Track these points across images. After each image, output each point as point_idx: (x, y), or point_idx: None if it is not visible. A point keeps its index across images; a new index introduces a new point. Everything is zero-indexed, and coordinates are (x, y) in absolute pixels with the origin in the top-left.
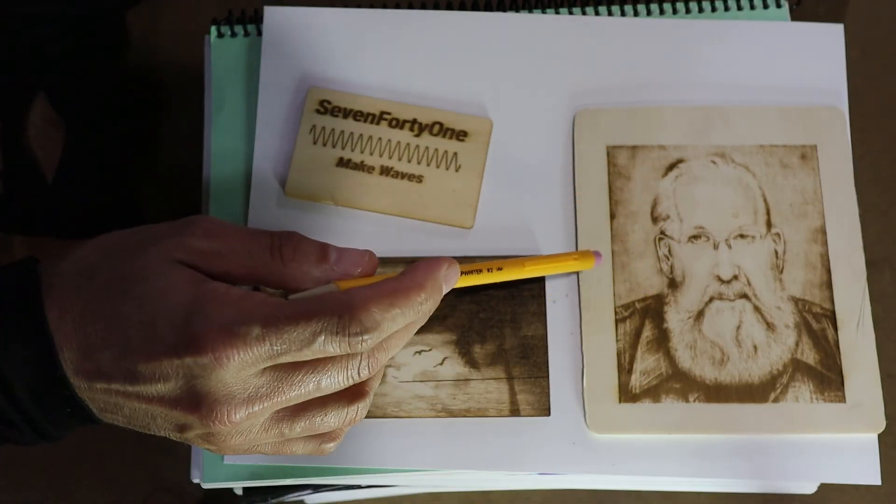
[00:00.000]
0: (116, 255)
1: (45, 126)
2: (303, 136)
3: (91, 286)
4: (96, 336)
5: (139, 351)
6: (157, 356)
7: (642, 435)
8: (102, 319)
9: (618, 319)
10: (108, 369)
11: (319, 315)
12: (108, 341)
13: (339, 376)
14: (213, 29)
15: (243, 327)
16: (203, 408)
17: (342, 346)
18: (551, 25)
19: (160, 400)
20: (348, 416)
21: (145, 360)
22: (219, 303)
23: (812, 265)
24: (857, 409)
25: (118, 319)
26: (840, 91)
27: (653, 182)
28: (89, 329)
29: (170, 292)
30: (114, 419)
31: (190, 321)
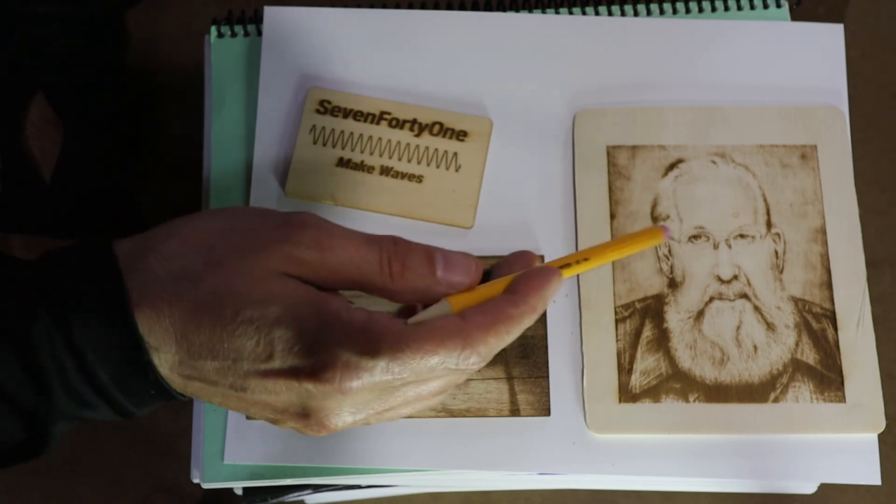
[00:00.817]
0: (219, 262)
1: (43, 125)
2: (303, 136)
3: (193, 295)
4: (202, 347)
5: (253, 369)
6: (274, 376)
7: (642, 435)
8: (210, 332)
9: (618, 319)
10: (213, 377)
11: (444, 348)
12: (216, 353)
13: (438, 386)
14: (213, 29)
15: (371, 361)
16: (312, 419)
17: (457, 373)
18: (551, 25)
19: (265, 405)
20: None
21: (259, 378)
22: (344, 330)
23: (812, 265)
24: (857, 409)
25: (230, 336)
26: (840, 91)
27: (653, 182)
28: (193, 338)
29: (289, 315)
30: (199, 399)
31: (314, 349)
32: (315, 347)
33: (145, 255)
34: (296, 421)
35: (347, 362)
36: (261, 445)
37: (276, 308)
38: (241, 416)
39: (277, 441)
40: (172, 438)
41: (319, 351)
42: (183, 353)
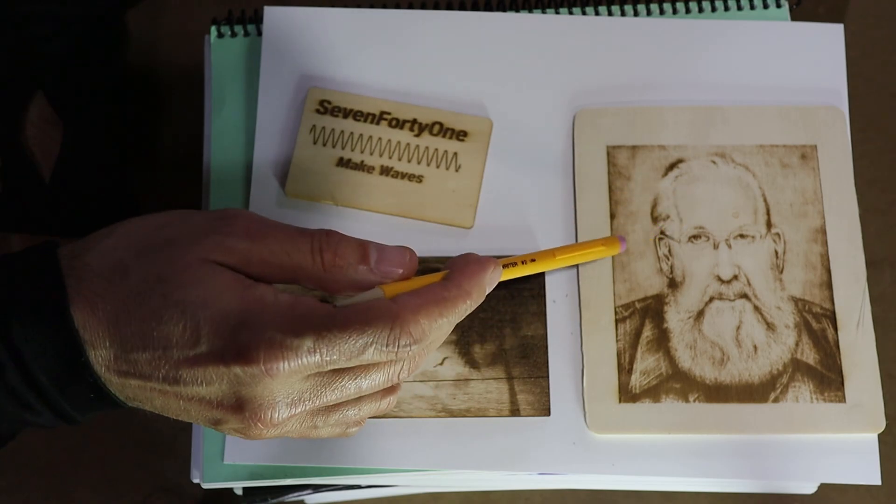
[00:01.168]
0: (150, 253)
1: (43, 125)
2: (303, 135)
3: (125, 285)
4: (133, 337)
5: (182, 356)
6: (202, 362)
7: (642, 435)
8: (140, 321)
9: (618, 319)
10: (146, 370)
11: (371, 327)
12: (146, 343)
13: (379, 379)
14: (213, 29)
15: (296, 340)
16: (246, 411)
17: (389, 356)
18: (551, 25)
19: (200, 400)
20: (380, 408)
21: (188, 366)
22: (269, 312)
23: (812, 265)
24: (857, 409)
25: (158, 323)
26: (840, 91)
27: (653, 182)
28: (125, 329)
29: (214, 299)
30: (142, 407)
31: (239, 331)
32: (239, 329)
33: (84, 254)
34: (233, 416)
35: (272, 341)
36: (261, 445)
37: (203, 292)
38: None
39: (277, 441)
40: (172, 438)
41: (244, 331)
42: (116, 347)
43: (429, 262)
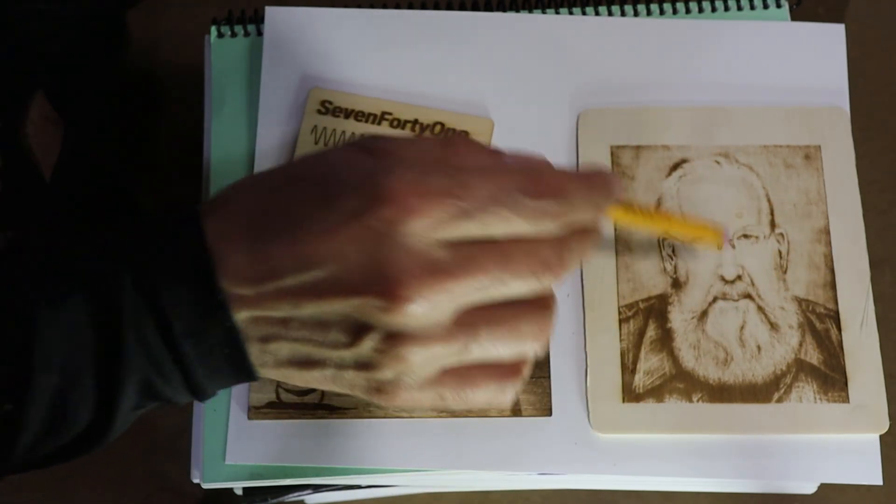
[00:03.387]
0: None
1: (43, 124)
2: (304, 136)
3: (261, 185)
4: (266, 227)
5: (316, 227)
6: (335, 227)
7: (645, 435)
8: (274, 206)
9: (621, 319)
10: (280, 262)
11: (507, 173)
12: (280, 228)
13: (522, 265)
14: (214, 29)
15: (430, 177)
16: (386, 278)
17: (533, 210)
18: (553, 26)
19: (336, 285)
20: (538, 325)
21: (322, 235)
22: (403, 165)
23: (816, 265)
24: (860, 410)
25: (291, 203)
26: (842, 91)
27: (657, 182)
28: (258, 223)
29: (352, 163)
30: (275, 358)
31: (372, 180)
32: (374, 178)
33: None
34: (373, 296)
35: (406, 181)
36: (262, 446)
37: (340, 158)
38: (243, 415)
39: (278, 441)
40: (172, 438)
41: (379, 180)
42: (250, 245)
43: None
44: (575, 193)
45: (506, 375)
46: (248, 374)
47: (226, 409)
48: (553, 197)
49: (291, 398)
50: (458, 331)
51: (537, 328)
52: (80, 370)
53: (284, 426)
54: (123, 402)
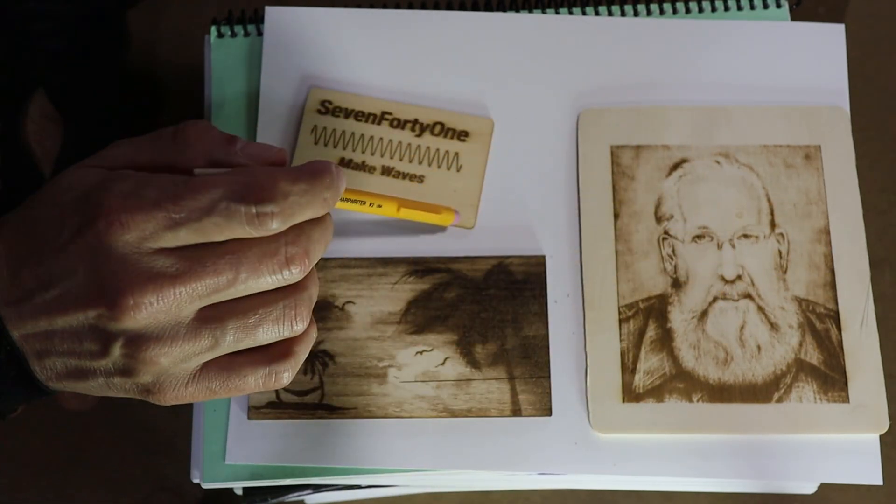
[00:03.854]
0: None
1: (43, 122)
2: (304, 135)
3: (22, 211)
4: (20, 251)
5: (52, 247)
6: (64, 244)
7: (645, 435)
8: (24, 231)
9: (621, 319)
10: (30, 284)
11: (221, 183)
12: (28, 252)
13: (258, 263)
14: (214, 29)
15: (140, 191)
16: (108, 291)
17: (248, 216)
18: (554, 26)
19: (72, 299)
20: (293, 307)
21: (55, 255)
22: (121, 179)
23: (816, 265)
24: (860, 410)
25: (35, 225)
26: (842, 91)
27: (657, 182)
28: (14, 248)
29: (80, 181)
30: (54, 372)
31: (89, 197)
32: (90, 195)
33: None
34: (100, 308)
35: (115, 196)
36: (262, 445)
37: (68, 180)
38: (243, 415)
39: (278, 441)
40: (172, 438)
41: (93, 197)
42: (9, 273)
43: (429, 262)
44: (293, 193)
45: (274, 359)
46: (38, 389)
47: (226, 409)
48: (270, 200)
49: (291, 398)
50: (203, 326)
51: (290, 311)
52: None
53: (284, 426)
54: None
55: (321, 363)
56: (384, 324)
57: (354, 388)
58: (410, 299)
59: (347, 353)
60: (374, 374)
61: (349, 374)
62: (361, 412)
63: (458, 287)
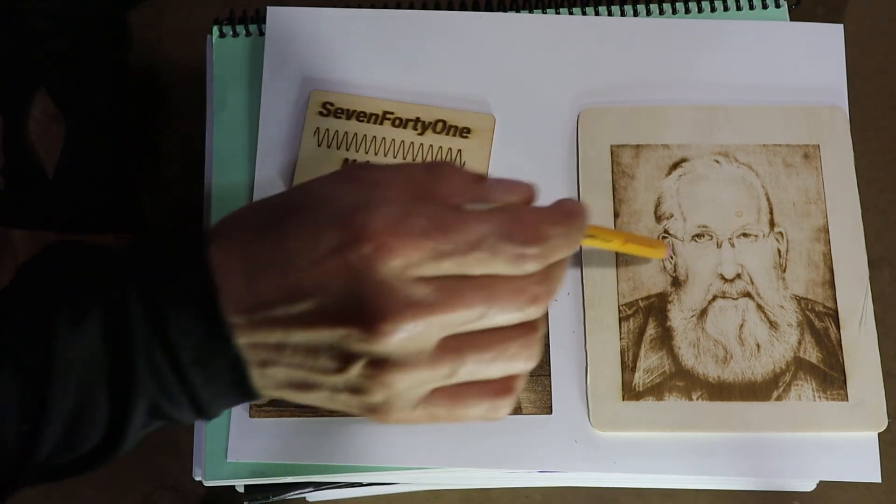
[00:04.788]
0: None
1: (46, 120)
2: (307, 138)
3: (256, 217)
4: (259, 260)
5: (302, 261)
6: (318, 260)
7: (645, 433)
8: (266, 239)
9: (621, 318)
10: (270, 293)
11: (490, 220)
12: (271, 260)
13: (507, 300)
14: (215, 28)
15: (410, 219)
16: (365, 311)
17: (512, 255)
18: (554, 25)
19: (321, 316)
20: (525, 347)
21: (308, 269)
22: (387, 202)
23: (815, 264)
24: (859, 408)
25: (282, 236)
26: (841, 91)
27: (656, 181)
28: (252, 256)
29: (338, 195)
30: (274, 381)
31: (353, 217)
32: (355, 215)
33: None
34: (355, 328)
35: (384, 220)
36: (263, 443)
37: (325, 192)
38: (244, 413)
39: (280, 439)
40: (174, 436)
41: (359, 217)
42: (245, 277)
43: None
44: (554, 236)
45: (498, 393)
46: (251, 395)
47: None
48: (534, 243)
49: None
50: (444, 356)
51: (525, 350)
52: (94, 393)
53: (286, 424)
54: (133, 423)
55: None
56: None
57: None
58: None
59: None
60: None
61: None
62: None
63: None
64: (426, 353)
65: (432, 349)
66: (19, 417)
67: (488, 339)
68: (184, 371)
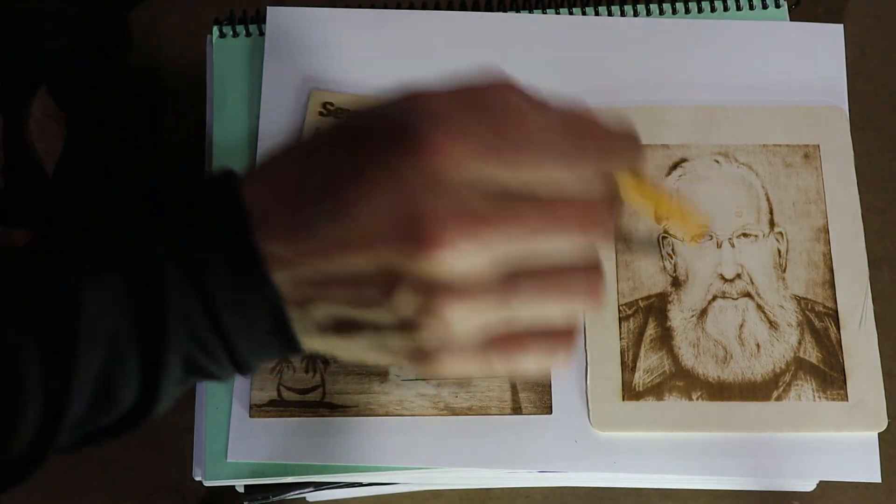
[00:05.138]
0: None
1: (46, 120)
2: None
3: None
4: (303, 186)
5: (350, 178)
6: (372, 173)
7: (645, 433)
8: (313, 166)
9: (621, 318)
10: (311, 213)
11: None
12: (315, 183)
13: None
14: (215, 29)
15: (466, 125)
16: (414, 224)
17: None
18: (554, 26)
19: (366, 236)
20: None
21: (356, 185)
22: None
23: (815, 264)
24: (859, 408)
25: (330, 158)
26: (841, 91)
27: (656, 181)
28: (295, 182)
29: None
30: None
31: (404, 125)
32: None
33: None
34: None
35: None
36: (263, 443)
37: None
38: (244, 413)
39: (280, 439)
40: (174, 436)
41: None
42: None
43: None
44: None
45: (556, 339)
46: (291, 341)
47: (227, 407)
48: (593, 140)
49: (293, 396)
50: (499, 285)
51: (587, 287)
52: (123, 345)
53: (286, 424)
54: (167, 377)
55: (322, 361)
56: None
57: (355, 386)
58: None
59: None
60: (376, 372)
61: (350, 373)
62: (363, 410)
63: None
64: (479, 279)
65: (485, 275)
66: (44, 374)
67: (547, 272)
68: (218, 316)
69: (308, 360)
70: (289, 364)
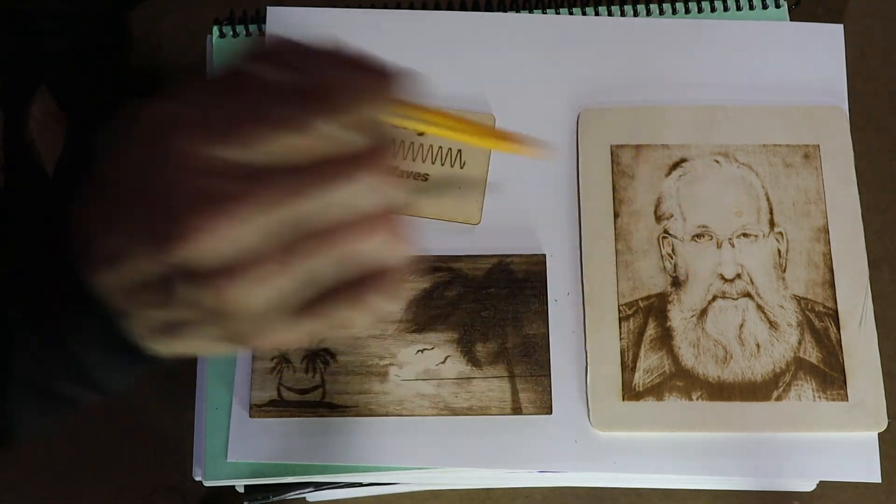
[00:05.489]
0: None
1: (46, 119)
2: None
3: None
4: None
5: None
6: (125, 188)
7: (645, 433)
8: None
9: (621, 318)
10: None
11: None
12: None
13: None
14: (215, 29)
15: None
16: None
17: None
18: (554, 25)
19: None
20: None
21: (116, 200)
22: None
23: (815, 264)
24: (859, 408)
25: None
26: (840, 91)
27: (656, 181)
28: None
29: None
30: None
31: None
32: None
33: None
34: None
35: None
36: (263, 443)
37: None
38: (244, 413)
39: (280, 439)
40: (174, 437)
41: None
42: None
43: (430, 261)
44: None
45: (369, 285)
46: (143, 356)
47: (227, 407)
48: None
49: (293, 396)
50: (280, 252)
51: (383, 228)
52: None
53: (286, 424)
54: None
55: (322, 361)
56: (385, 322)
57: (356, 387)
58: (412, 298)
59: (348, 351)
60: (376, 373)
61: (350, 373)
62: (362, 410)
63: (459, 286)
64: (257, 253)
65: (266, 248)
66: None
67: (334, 227)
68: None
69: (308, 360)
70: (289, 364)
